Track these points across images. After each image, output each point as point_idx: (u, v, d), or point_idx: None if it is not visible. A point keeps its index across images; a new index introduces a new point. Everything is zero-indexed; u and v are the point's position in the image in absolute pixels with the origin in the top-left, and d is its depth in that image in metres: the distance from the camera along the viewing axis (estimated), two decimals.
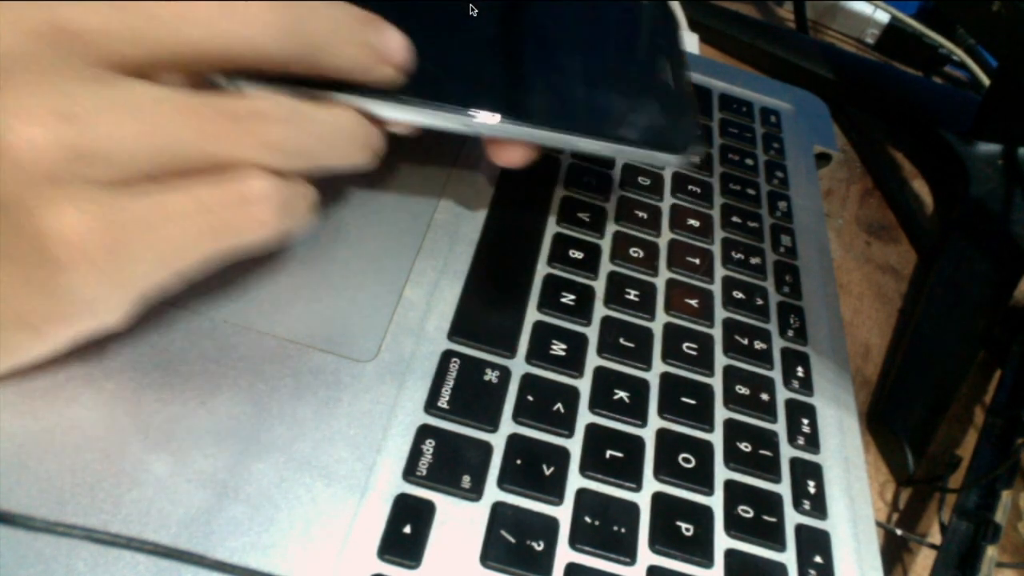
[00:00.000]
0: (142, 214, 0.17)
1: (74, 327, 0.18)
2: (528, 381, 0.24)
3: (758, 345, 0.29)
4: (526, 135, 0.23)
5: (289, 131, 0.19)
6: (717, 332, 0.29)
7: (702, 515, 0.23)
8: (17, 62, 0.16)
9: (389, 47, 0.20)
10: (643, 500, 0.23)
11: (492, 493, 0.22)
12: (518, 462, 0.22)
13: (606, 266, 0.29)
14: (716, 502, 0.24)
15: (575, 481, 0.23)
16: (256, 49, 0.18)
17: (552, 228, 0.29)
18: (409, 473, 0.21)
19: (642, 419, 0.25)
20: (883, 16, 0.56)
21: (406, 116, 0.22)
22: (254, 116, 0.18)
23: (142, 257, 0.17)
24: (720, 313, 0.29)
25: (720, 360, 0.28)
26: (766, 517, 0.24)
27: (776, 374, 0.28)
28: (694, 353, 0.27)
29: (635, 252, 0.30)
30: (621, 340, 0.27)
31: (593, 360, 0.26)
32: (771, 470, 0.25)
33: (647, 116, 0.25)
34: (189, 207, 0.18)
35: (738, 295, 0.30)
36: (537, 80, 0.24)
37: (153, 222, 0.17)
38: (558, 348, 0.25)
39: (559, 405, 0.24)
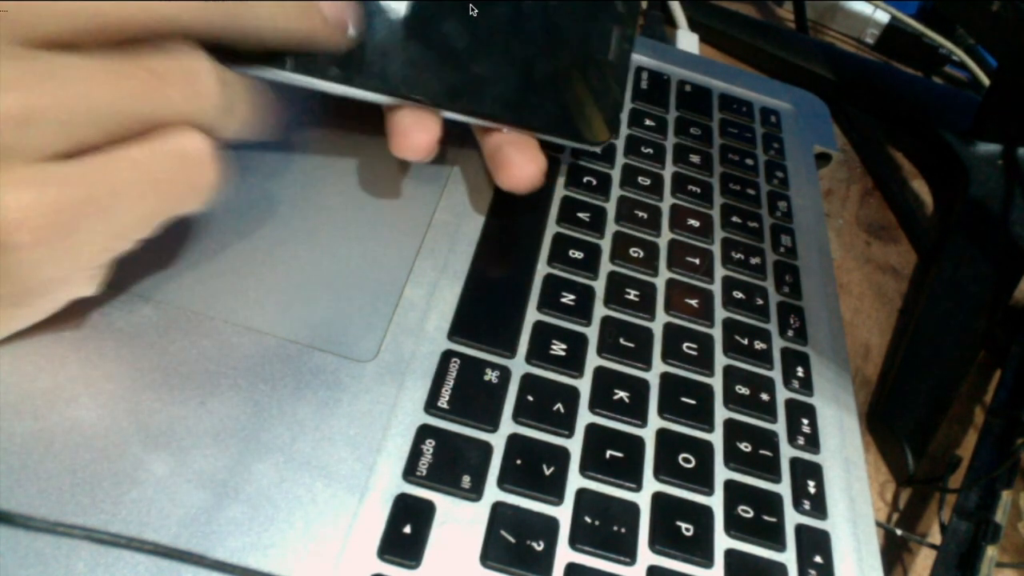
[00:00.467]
0: (84, 185, 0.17)
1: (45, 301, 0.19)
2: (528, 381, 0.24)
3: (758, 345, 0.29)
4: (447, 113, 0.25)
5: (216, 87, 0.19)
6: (717, 332, 0.29)
7: (702, 515, 0.23)
8: None
9: (336, 14, 0.21)
10: (643, 500, 0.23)
11: (492, 493, 0.22)
12: (518, 462, 0.22)
13: (606, 266, 0.29)
14: (716, 502, 0.24)
15: (575, 481, 0.23)
16: (179, 18, 0.18)
17: (552, 228, 0.29)
18: (409, 473, 0.21)
19: (642, 419, 0.25)
20: (883, 16, 0.56)
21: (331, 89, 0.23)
22: (181, 72, 0.18)
23: (92, 229, 0.17)
24: (720, 313, 0.29)
25: (720, 360, 0.28)
26: (766, 517, 0.24)
27: (776, 374, 0.28)
28: (694, 353, 0.27)
29: (635, 252, 0.30)
30: (621, 340, 0.27)
31: (593, 360, 0.26)
32: (771, 470, 0.25)
33: (564, 106, 0.27)
34: (129, 171, 0.18)
35: (738, 295, 0.30)
36: (456, 63, 0.25)
37: (96, 193, 0.17)
38: (558, 348, 0.25)
39: (559, 405, 0.24)
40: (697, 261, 0.31)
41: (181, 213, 0.19)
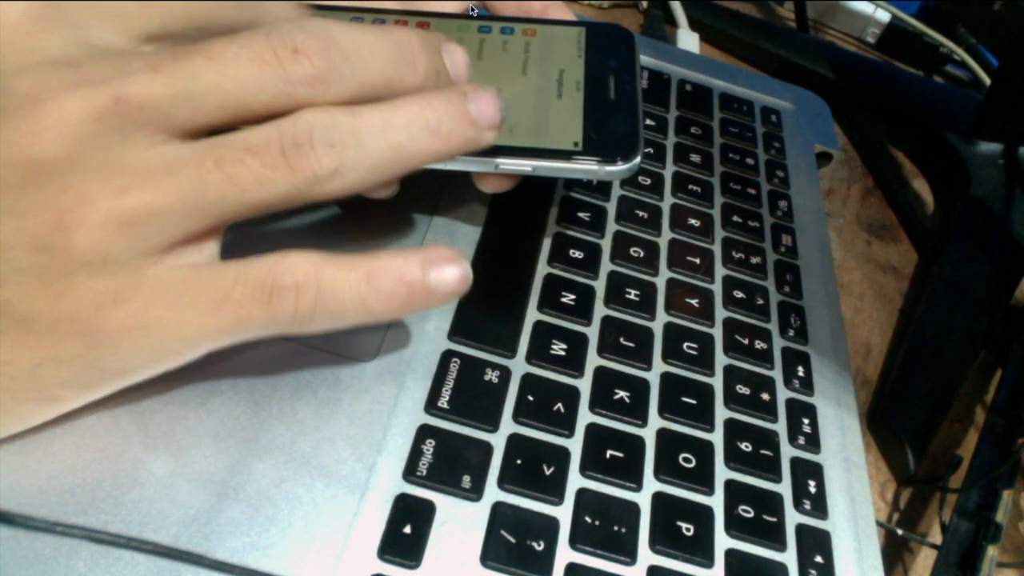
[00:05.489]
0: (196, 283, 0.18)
1: (108, 387, 0.19)
2: (528, 381, 0.24)
3: (758, 345, 0.29)
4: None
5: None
6: (717, 332, 0.29)
7: (702, 515, 0.23)
8: (88, 146, 0.16)
9: (456, 62, 0.21)
10: (643, 500, 0.23)
11: (492, 493, 0.22)
12: (518, 462, 0.22)
13: (606, 266, 0.29)
14: (716, 502, 0.24)
15: (575, 481, 0.23)
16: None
17: (552, 228, 0.29)
18: (409, 473, 0.21)
19: (642, 419, 0.25)
20: (884, 15, 0.56)
21: None
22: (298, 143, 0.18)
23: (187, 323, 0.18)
24: (720, 313, 0.29)
25: (720, 360, 0.28)
26: (767, 517, 0.24)
27: (777, 374, 0.28)
28: (694, 353, 0.27)
29: (635, 252, 0.30)
30: (621, 340, 0.27)
31: (593, 360, 0.26)
32: (772, 470, 0.25)
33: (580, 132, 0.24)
34: (230, 279, 0.18)
35: (738, 295, 0.30)
36: None
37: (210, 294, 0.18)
38: (558, 348, 0.25)
39: (559, 405, 0.24)
40: (697, 261, 0.31)
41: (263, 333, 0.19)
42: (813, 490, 0.25)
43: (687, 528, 0.23)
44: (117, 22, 0.17)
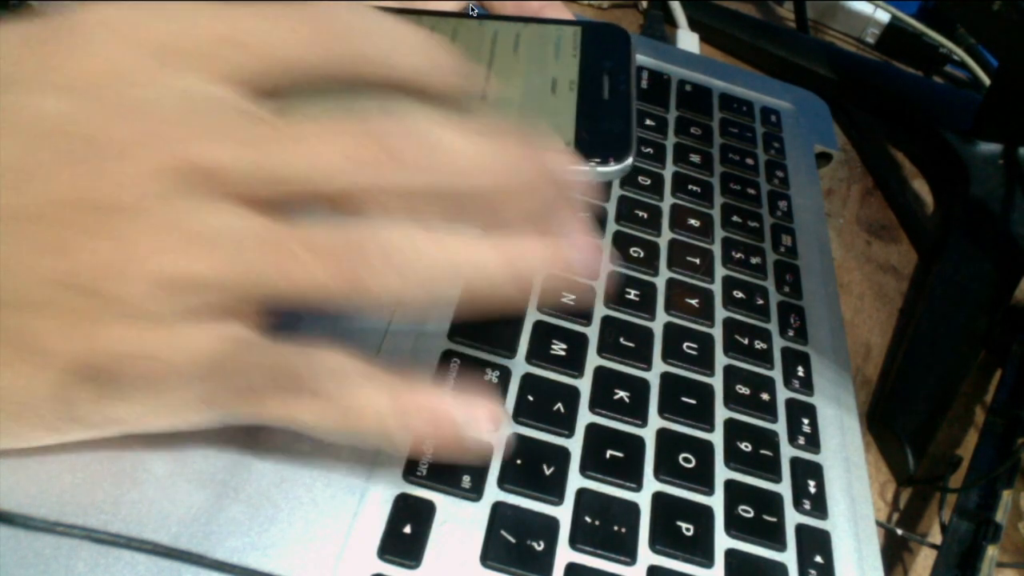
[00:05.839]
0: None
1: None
2: (528, 381, 0.24)
3: (758, 345, 0.29)
4: None
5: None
6: (717, 332, 0.29)
7: (702, 515, 0.23)
8: (154, 201, 0.16)
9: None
10: (643, 500, 0.23)
11: (492, 493, 0.22)
12: (518, 462, 0.22)
13: (606, 266, 0.29)
14: (716, 502, 0.24)
15: (575, 481, 0.23)
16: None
17: None
18: (409, 473, 0.21)
19: (642, 419, 0.25)
20: (883, 16, 0.56)
21: None
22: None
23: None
24: (720, 313, 0.29)
25: (720, 360, 0.28)
26: (766, 517, 0.24)
27: (776, 374, 0.28)
28: (694, 353, 0.27)
29: (635, 252, 0.30)
30: (621, 340, 0.27)
31: (593, 360, 0.26)
32: (771, 470, 0.25)
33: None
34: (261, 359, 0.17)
35: (738, 295, 0.30)
36: None
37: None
38: (558, 348, 0.25)
39: (559, 405, 0.24)
40: (697, 261, 0.31)
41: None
42: (813, 490, 0.25)
43: (687, 528, 0.23)
44: (223, 67, 0.17)
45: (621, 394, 0.25)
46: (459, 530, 0.21)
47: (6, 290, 0.15)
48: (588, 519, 0.22)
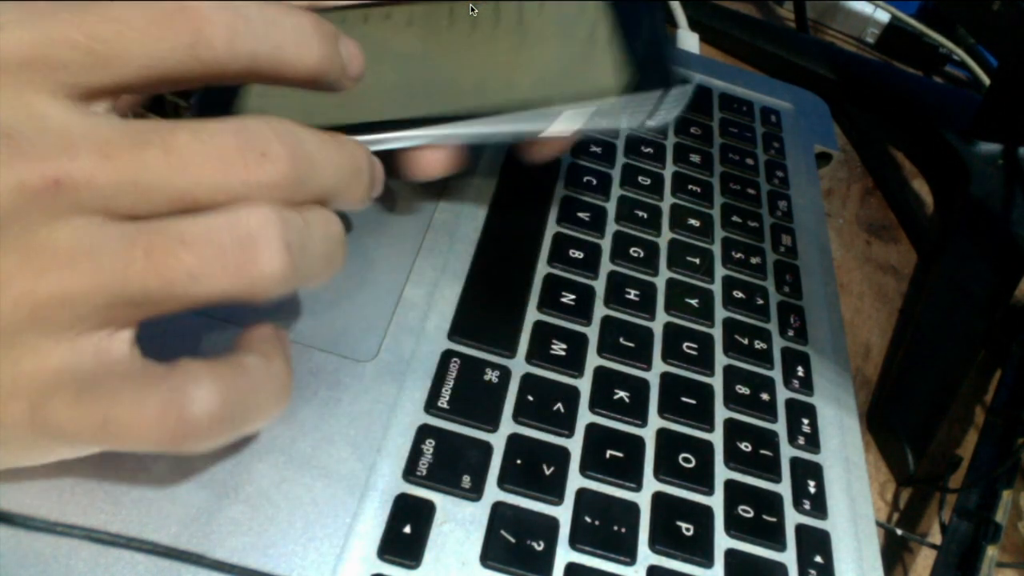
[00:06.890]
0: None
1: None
2: (528, 381, 0.24)
3: (758, 345, 0.29)
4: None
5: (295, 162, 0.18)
6: (717, 332, 0.29)
7: (702, 515, 0.23)
8: (14, 223, 0.15)
9: (351, 55, 0.19)
10: (643, 500, 0.23)
11: (492, 493, 0.22)
12: (518, 462, 0.22)
13: (606, 266, 0.29)
14: (716, 502, 0.24)
15: (575, 481, 0.23)
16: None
17: (552, 228, 0.29)
18: (409, 473, 0.21)
19: (642, 419, 0.25)
20: (883, 15, 0.56)
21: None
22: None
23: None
24: (720, 313, 0.29)
25: (720, 360, 0.28)
26: (766, 517, 0.24)
27: (776, 374, 0.28)
28: (694, 353, 0.27)
29: (635, 252, 0.30)
30: (621, 340, 0.27)
31: (593, 360, 0.26)
32: (771, 470, 0.25)
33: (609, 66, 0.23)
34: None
35: (738, 295, 0.30)
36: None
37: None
38: (558, 348, 0.25)
39: (559, 405, 0.24)
40: (697, 261, 0.31)
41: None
42: (813, 490, 0.25)
43: (687, 528, 0.23)
44: (65, 77, 0.16)
45: (621, 394, 0.25)
46: (459, 530, 0.21)
47: None
48: (588, 519, 0.22)
